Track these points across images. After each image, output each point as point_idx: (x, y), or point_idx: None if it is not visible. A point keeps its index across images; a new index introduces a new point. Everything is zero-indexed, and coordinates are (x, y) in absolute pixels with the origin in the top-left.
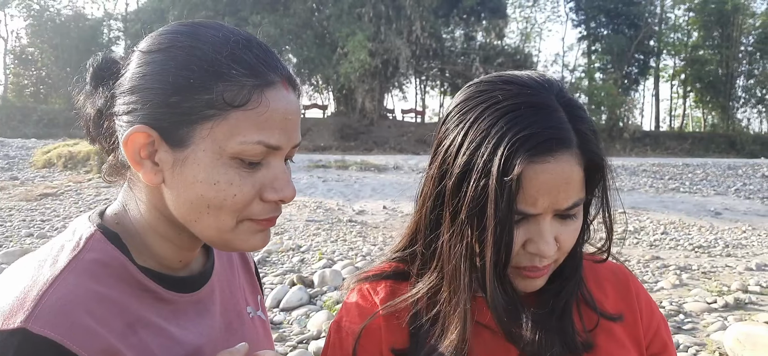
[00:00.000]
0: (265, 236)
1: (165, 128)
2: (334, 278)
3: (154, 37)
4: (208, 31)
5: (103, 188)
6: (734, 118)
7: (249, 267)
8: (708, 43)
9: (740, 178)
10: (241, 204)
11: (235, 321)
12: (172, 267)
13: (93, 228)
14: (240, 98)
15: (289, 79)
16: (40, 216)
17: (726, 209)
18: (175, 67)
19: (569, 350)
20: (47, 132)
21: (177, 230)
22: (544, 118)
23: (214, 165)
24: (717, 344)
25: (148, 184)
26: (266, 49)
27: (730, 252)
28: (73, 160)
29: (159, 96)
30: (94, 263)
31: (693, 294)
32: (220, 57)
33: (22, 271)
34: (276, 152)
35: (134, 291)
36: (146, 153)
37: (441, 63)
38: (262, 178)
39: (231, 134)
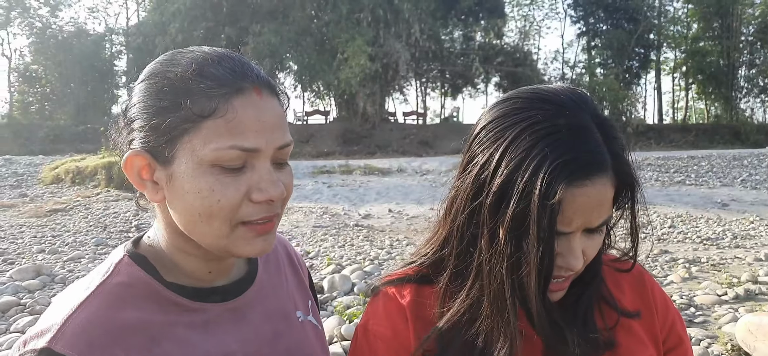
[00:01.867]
0: (265, 240)
1: (154, 149)
2: (343, 283)
3: (143, 71)
4: (183, 56)
5: (111, 202)
6: (738, 108)
7: (298, 273)
8: (708, 35)
9: (746, 168)
10: (227, 208)
11: (281, 325)
12: (202, 279)
13: (122, 254)
14: (208, 108)
15: (264, 85)
16: (51, 232)
17: (733, 200)
18: (154, 92)
19: (592, 349)
20: (54, 148)
21: (195, 244)
22: (583, 142)
23: (195, 175)
24: (729, 336)
25: (154, 202)
26: (238, 61)
27: (738, 243)
28: (80, 175)
29: (145, 120)
30: (118, 287)
31: (703, 287)
32: (188, 74)
33: (59, 299)
34: (256, 154)
35: (160, 306)
36: (148, 175)
37: (441, 64)
38: (248, 181)
39: (205, 143)
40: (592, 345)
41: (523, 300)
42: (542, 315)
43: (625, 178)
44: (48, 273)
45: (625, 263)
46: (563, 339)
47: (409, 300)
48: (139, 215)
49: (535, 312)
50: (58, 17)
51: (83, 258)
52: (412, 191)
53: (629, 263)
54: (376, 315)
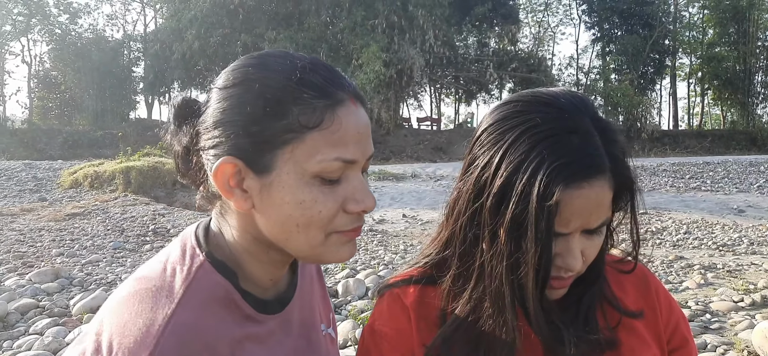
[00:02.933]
0: (352, 247)
1: (249, 157)
2: (357, 287)
3: (229, 73)
4: (276, 60)
5: (129, 206)
6: (754, 114)
7: (323, 282)
8: (724, 40)
9: (763, 174)
10: (326, 219)
11: (313, 337)
12: (263, 285)
13: (202, 257)
14: (314, 119)
15: (356, 95)
16: (70, 236)
17: (749, 206)
18: (251, 98)
19: (592, 349)
20: (73, 153)
21: (268, 250)
22: (581, 144)
23: (298, 186)
24: (745, 342)
25: (240, 210)
26: (331, 69)
27: (755, 250)
28: (99, 179)
29: (240, 127)
30: (204, 294)
31: (719, 293)
32: (291, 83)
33: (140, 299)
34: (353, 166)
35: (236, 318)
36: (235, 182)
37: (455, 71)
38: (343, 192)
39: (310, 154)
40: (592, 344)
41: (523, 300)
42: (539, 314)
43: (624, 180)
44: (66, 275)
45: (628, 264)
46: (561, 338)
47: (412, 300)
48: (156, 219)
49: (532, 312)
50: (77, 24)
51: (101, 262)
52: (426, 197)
53: (631, 264)
54: (382, 316)
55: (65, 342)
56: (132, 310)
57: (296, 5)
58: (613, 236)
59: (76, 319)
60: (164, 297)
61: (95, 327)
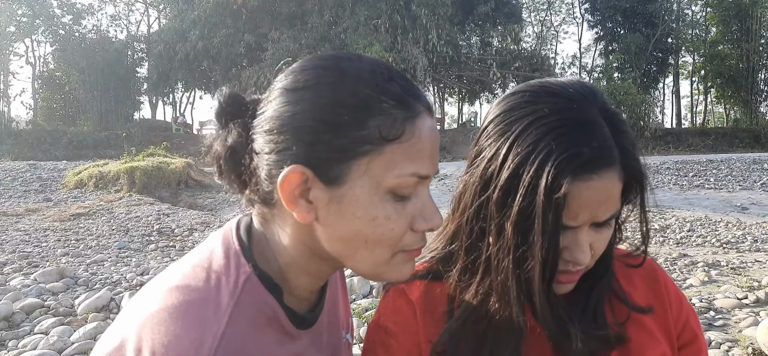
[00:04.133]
0: (413, 265)
1: (319, 167)
2: (362, 286)
3: (297, 74)
4: (351, 64)
5: (133, 206)
6: (757, 112)
7: (346, 289)
8: (727, 38)
9: (766, 172)
10: (397, 237)
11: (336, 348)
12: (302, 297)
13: (249, 269)
14: (394, 131)
15: (429, 107)
16: (74, 236)
17: (753, 204)
18: (326, 103)
19: (600, 344)
20: (77, 154)
21: (319, 263)
22: (590, 136)
23: (371, 201)
24: (749, 339)
25: (302, 222)
26: (406, 79)
27: (759, 247)
28: (103, 180)
29: (311, 134)
30: (251, 312)
31: (723, 290)
32: (369, 90)
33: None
34: (424, 182)
35: (279, 336)
36: (300, 192)
37: (458, 70)
38: (413, 209)
39: (388, 168)
40: (601, 340)
41: (529, 294)
42: (546, 309)
43: (633, 173)
44: (71, 275)
45: (636, 258)
46: (568, 333)
47: (418, 295)
48: (161, 219)
49: (538, 306)
50: (81, 25)
51: (106, 261)
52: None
53: (640, 258)
54: (387, 312)
55: (70, 341)
56: (176, 326)
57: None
58: (621, 229)
59: (81, 318)
60: (211, 313)
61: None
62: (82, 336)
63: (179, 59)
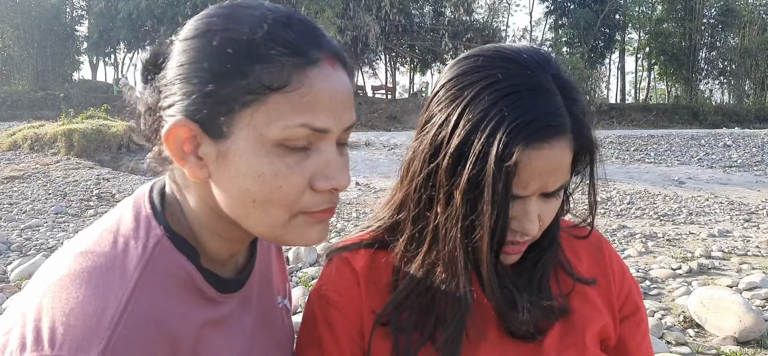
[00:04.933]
0: (322, 230)
1: (205, 120)
2: (308, 254)
3: (192, 23)
4: (244, 11)
5: (71, 170)
6: (697, 89)
7: (281, 252)
8: (671, 17)
9: (703, 148)
10: (290, 197)
11: (269, 312)
12: (222, 261)
13: (160, 231)
14: (279, 80)
15: (336, 56)
16: (8, 200)
17: (689, 178)
18: (211, 52)
19: (544, 315)
20: (12, 114)
21: (229, 226)
22: (543, 103)
23: (256, 155)
24: (682, 308)
25: (193, 180)
26: (309, 25)
27: (693, 220)
28: (39, 142)
29: (196, 86)
30: (163, 276)
31: (658, 261)
32: (257, 37)
33: (88, 280)
34: (325, 136)
35: (197, 301)
36: (190, 148)
37: (410, 39)
38: (312, 166)
39: (272, 119)
40: (545, 311)
41: (477, 265)
42: (493, 279)
43: (584, 142)
44: (3, 240)
45: (583, 229)
46: (514, 304)
47: (362, 265)
48: (101, 183)
49: (485, 277)
50: None
51: (41, 227)
52: (380, 165)
53: (586, 229)
54: (329, 280)
55: (2, 308)
56: (79, 293)
57: None
58: (569, 201)
59: (13, 285)
60: (117, 279)
61: (33, 309)
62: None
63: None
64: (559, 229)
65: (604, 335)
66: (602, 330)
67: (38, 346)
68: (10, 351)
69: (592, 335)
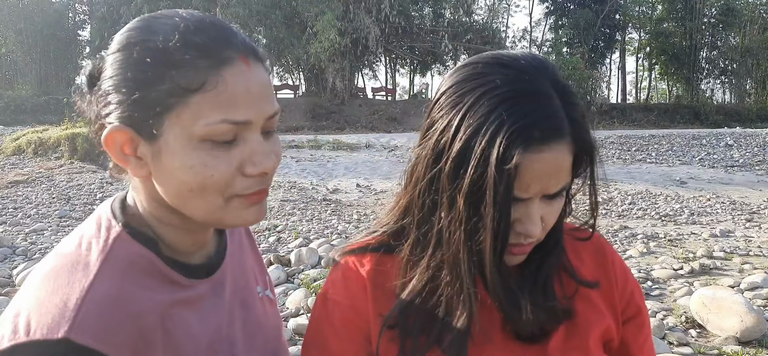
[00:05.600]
0: (259, 210)
1: (137, 124)
2: (310, 256)
3: (116, 37)
4: (158, 22)
5: (75, 174)
6: (698, 89)
7: (255, 245)
8: (672, 16)
9: (704, 147)
10: (222, 183)
11: (247, 297)
12: (186, 252)
13: (119, 228)
14: (196, 82)
15: (249, 53)
16: (12, 204)
17: (691, 178)
18: (132, 63)
19: (549, 318)
20: (15, 119)
21: (178, 216)
22: (541, 107)
23: (185, 151)
24: (683, 308)
25: (136, 177)
26: (221, 27)
27: (695, 220)
28: (43, 146)
29: (125, 94)
30: (122, 263)
31: (660, 261)
32: (171, 44)
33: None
34: (247, 127)
35: (161, 284)
36: (130, 150)
37: (410, 41)
38: (240, 154)
39: (195, 118)
40: (550, 312)
41: (481, 267)
42: (497, 281)
43: (584, 145)
44: (9, 244)
45: (585, 232)
46: (518, 305)
47: (368, 269)
48: (104, 187)
49: (489, 278)
50: None
51: (46, 230)
52: (380, 167)
53: (588, 232)
54: (336, 284)
55: None
56: (48, 287)
57: None
58: (571, 203)
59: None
60: (80, 271)
61: (13, 309)
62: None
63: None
64: (562, 232)
65: (607, 337)
66: (605, 332)
67: (15, 335)
68: None
69: (595, 337)
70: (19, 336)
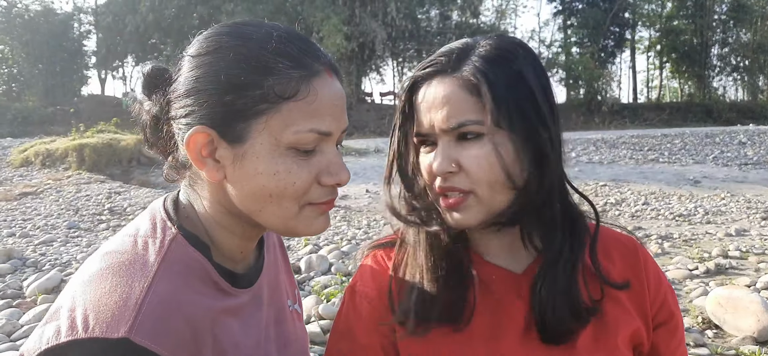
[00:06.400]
0: (326, 219)
1: (222, 127)
2: (320, 263)
3: (202, 41)
4: (249, 29)
5: (83, 185)
6: (710, 87)
7: (288, 259)
8: (682, 13)
9: (718, 146)
10: (301, 191)
11: (280, 311)
12: (234, 258)
13: (174, 230)
14: (290, 90)
15: (332, 67)
16: (22, 216)
17: (705, 177)
18: (226, 66)
19: (575, 317)
20: (23, 130)
21: (240, 222)
22: (435, 56)
23: (272, 156)
24: (699, 309)
25: (211, 181)
26: (306, 40)
27: (710, 219)
28: (50, 157)
29: (213, 96)
30: (179, 267)
31: (675, 262)
32: (266, 52)
33: (114, 273)
34: (328, 138)
35: (211, 290)
36: (207, 152)
37: (417, 44)
38: (318, 164)
39: (285, 125)
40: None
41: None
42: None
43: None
44: (19, 256)
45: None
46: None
47: (395, 262)
48: (112, 197)
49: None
50: None
51: (55, 242)
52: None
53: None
54: (363, 277)
55: (20, 323)
56: (106, 285)
57: None
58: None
59: (30, 301)
60: (139, 270)
61: (67, 304)
62: (31, 318)
63: (129, 32)
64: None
65: (637, 341)
66: (634, 335)
67: (73, 332)
68: (47, 338)
69: (623, 338)
70: (78, 333)
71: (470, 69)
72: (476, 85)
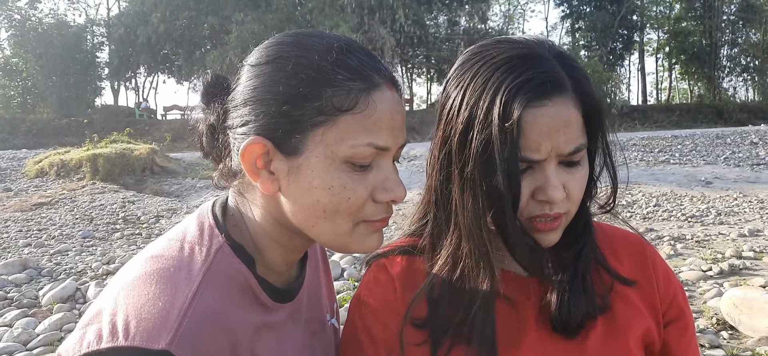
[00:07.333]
0: (380, 237)
1: (278, 138)
2: (333, 268)
3: (262, 50)
4: (311, 40)
5: (97, 195)
6: (720, 87)
7: (329, 272)
8: (690, 15)
9: (729, 146)
10: (355, 207)
11: (318, 327)
12: (278, 270)
13: (221, 239)
14: (348, 102)
15: (393, 81)
16: (37, 226)
17: (716, 178)
18: (285, 77)
19: (589, 312)
20: (37, 142)
21: (290, 235)
22: (538, 65)
23: (327, 170)
24: (714, 310)
25: (266, 193)
26: (368, 52)
27: (722, 220)
28: (65, 168)
29: (271, 107)
30: (224, 278)
31: (688, 263)
32: (326, 63)
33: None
34: (385, 153)
35: (252, 304)
36: (262, 163)
37: (426, 50)
38: (373, 180)
39: (342, 138)
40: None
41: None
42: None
43: (588, 99)
44: (34, 266)
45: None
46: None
47: (399, 270)
48: (126, 206)
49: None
50: (37, 9)
51: (70, 251)
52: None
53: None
54: (368, 287)
55: (35, 332)
56: (149, 291)
57: None
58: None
59: (46, 310)
60: (183, 279)
61: (109, 307)
62: (47, 327)
63: (141, 43)
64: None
65: (648, 339)
66: (646, 334)
67: (113, 338)
68: (88, 342)
69: (635, 337)
70: (118, 339)
71: (587, 91)
72: (591, 109)
